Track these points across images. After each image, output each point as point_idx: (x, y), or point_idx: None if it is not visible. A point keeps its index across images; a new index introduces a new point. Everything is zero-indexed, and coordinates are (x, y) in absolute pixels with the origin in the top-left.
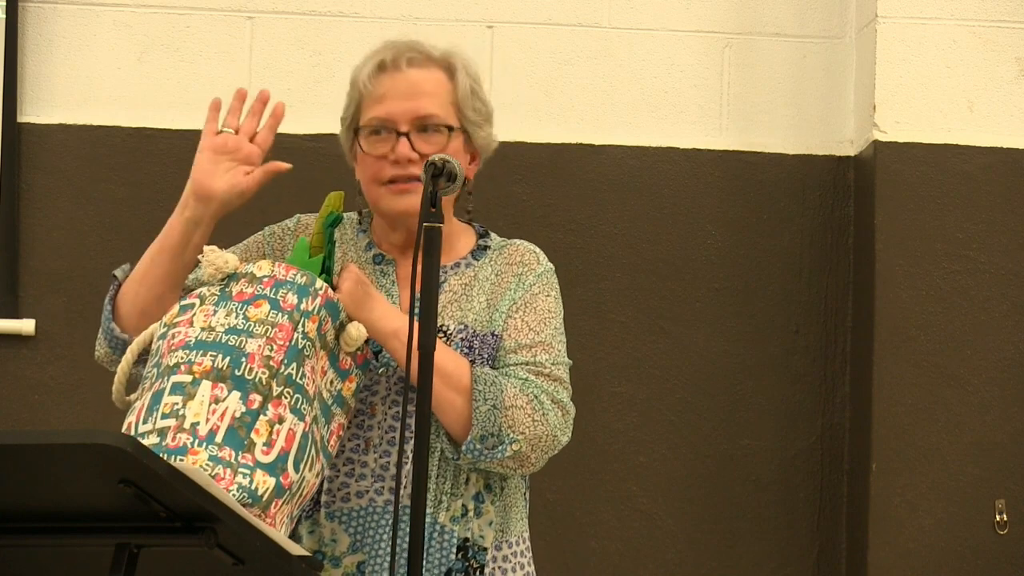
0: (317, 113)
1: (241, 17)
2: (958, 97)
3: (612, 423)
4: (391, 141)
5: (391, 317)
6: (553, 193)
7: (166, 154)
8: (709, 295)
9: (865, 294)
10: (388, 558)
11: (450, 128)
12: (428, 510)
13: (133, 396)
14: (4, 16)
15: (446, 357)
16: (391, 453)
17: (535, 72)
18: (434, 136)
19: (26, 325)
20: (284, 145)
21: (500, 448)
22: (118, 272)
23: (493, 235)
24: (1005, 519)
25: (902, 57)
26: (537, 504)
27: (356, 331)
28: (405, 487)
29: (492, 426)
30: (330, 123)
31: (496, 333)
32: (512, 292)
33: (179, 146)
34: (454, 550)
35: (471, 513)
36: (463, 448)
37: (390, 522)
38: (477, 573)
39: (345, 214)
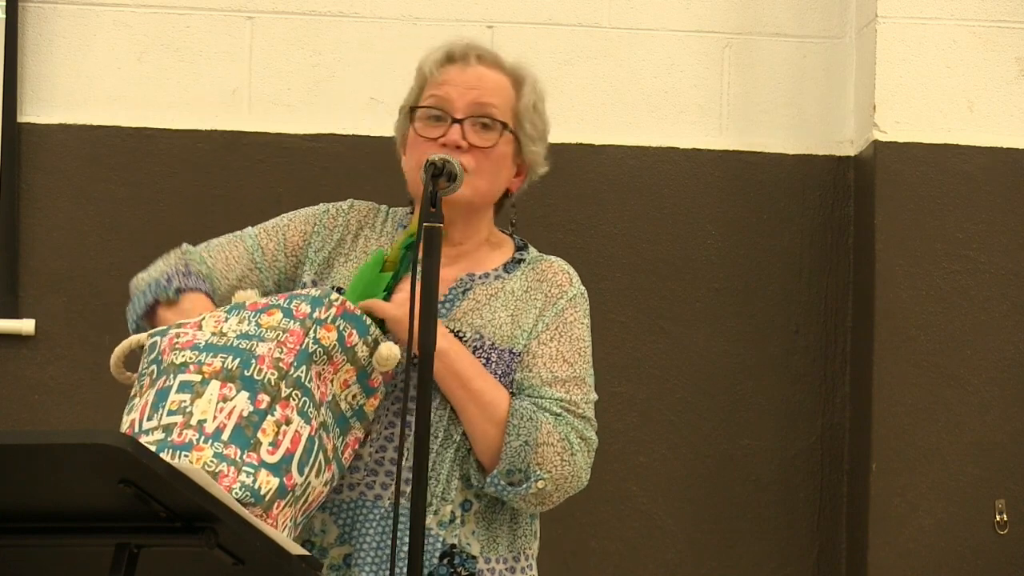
0: (317, 113)
1: (241, 17)
2: (958, 97)
3: (612, 423)
4: (444, 127)
5: (441, 336)
6: (553, 193)
7: (166, 154)
8: (709, 295)
9: (865, 294)
10: (373, 552)
11: (505, 125)
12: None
13: (131, 374)
14: (4, 16)
15: (486, 386)
16: (387, 448)
17: (535, 72)
18: (488, 131)
19: (26, 325)
20: (284, 145)
21: (525, 485)
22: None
23: (532, 249)
24: (1005, 519)
25: (902, 57)
26: None
27: (387, 351)
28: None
29: (521, 462)
30: (330, 123)
31: (515, 351)
32: (539, 312)
33: (179, 146)
34: (438, 555)
35: (458, 520)
36: (487, 479)
37: (379, 516)
38: None
39: (392, 208)
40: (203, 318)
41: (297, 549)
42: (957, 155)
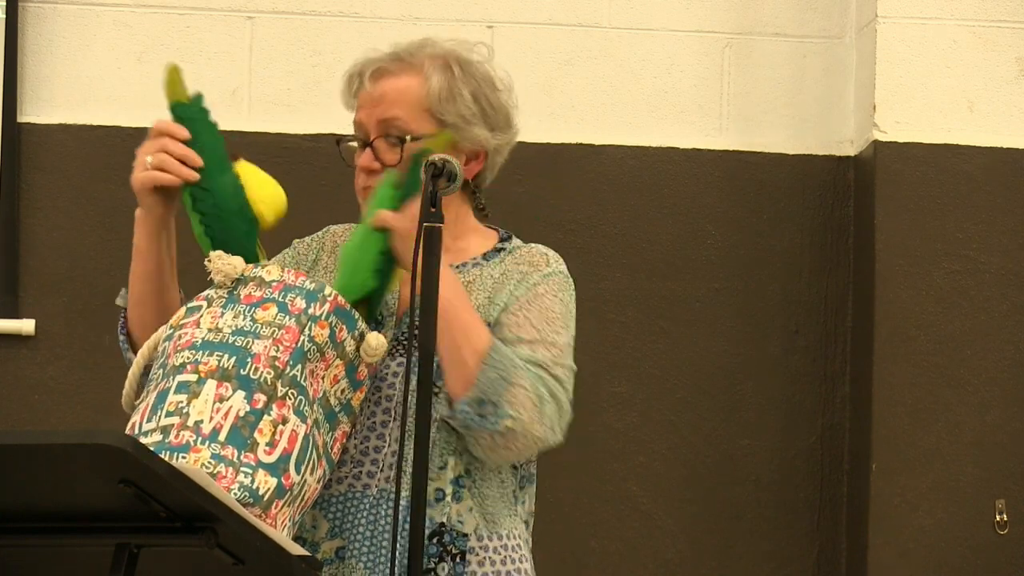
0: (317, 113)
1: (241, 17)
2: (958, 97)
3: (612, 423)
4: (361, 152)
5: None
6: (553, 193)
7: None
8: (709, 295)
9: (865, 294)
10: (368, 542)
11: (403, 139)
12: (403, 492)
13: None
14: (4, 16)
15: (470, 317)
16: (370, 438)
17: (535, 72)
18: (395, 148)
19: (26, 325)
20: (284, 145)
21: (494, 419)
22: (119, 300)
23: (516, 240)
24: (1005, 519)
25: (902, 57)
26: (537, 504)
27: (376, 340)
28: (382, 471)
29: (493, 394)
30: (330, 123)
31: (490, 323)
32: (513, 288)
33: None
34: (426, 534)
35: (448, 497)
36: (456, 407)
37: (368, 506)
38: (458, 559)
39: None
40: (201, 315)
41: (297, 549)
42: (957, 155)
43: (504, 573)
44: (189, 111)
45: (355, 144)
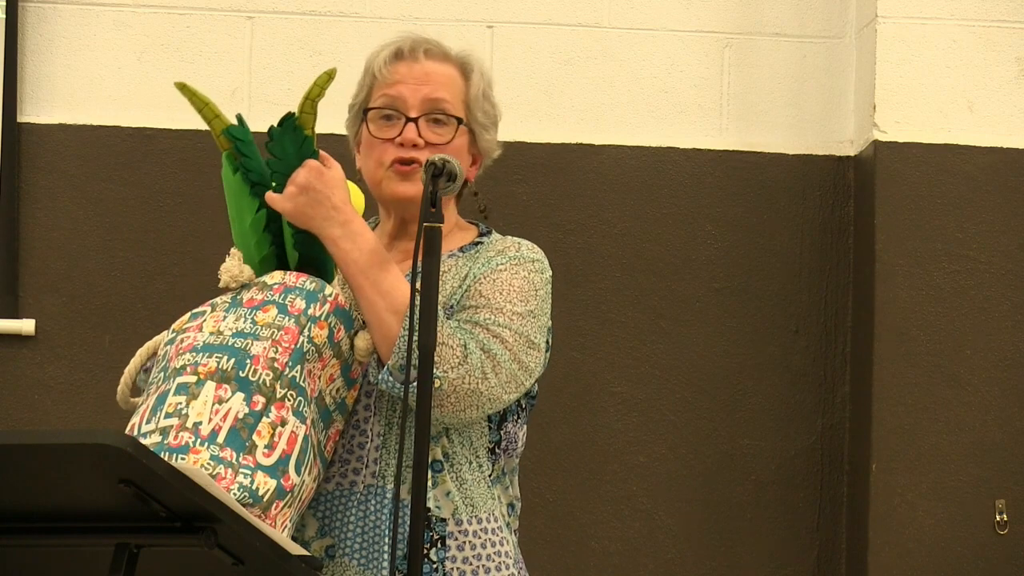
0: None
1: (241, 17)
2: (958, 97)
3: (612, 423)
4: (399, 126)
5: (334, 224)
6: (553, 193)
7: (166, 154)
8: (709, 295)
9: (865, 294)
10: (360, 539)
11: (459, 120)
12: (390, 485)
13: (138, 399)
14: (4, 16)
15: (385, 275)
16: (355, 436)
17: (535, 72)
18: (442, 127)
19: (26, 325)
20: None
21: None
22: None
23: (495, 234)
24: (1005, 519)
25: (902, 57)
26: (537, 504)
27: (363, 342)
28: (367, 466)
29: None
30: (331, 123)
31: (455, 304)
32: (478, 269)
33: (179, 146)
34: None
35: (427, 483)
36: (380, 375)
37: (356, 503)
38: (438, 545)
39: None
40: (204, 319)
41: (297, 549)
42: (957, 155)
43: (485, 556)
44: (243, 132)
45: (385, 115)
